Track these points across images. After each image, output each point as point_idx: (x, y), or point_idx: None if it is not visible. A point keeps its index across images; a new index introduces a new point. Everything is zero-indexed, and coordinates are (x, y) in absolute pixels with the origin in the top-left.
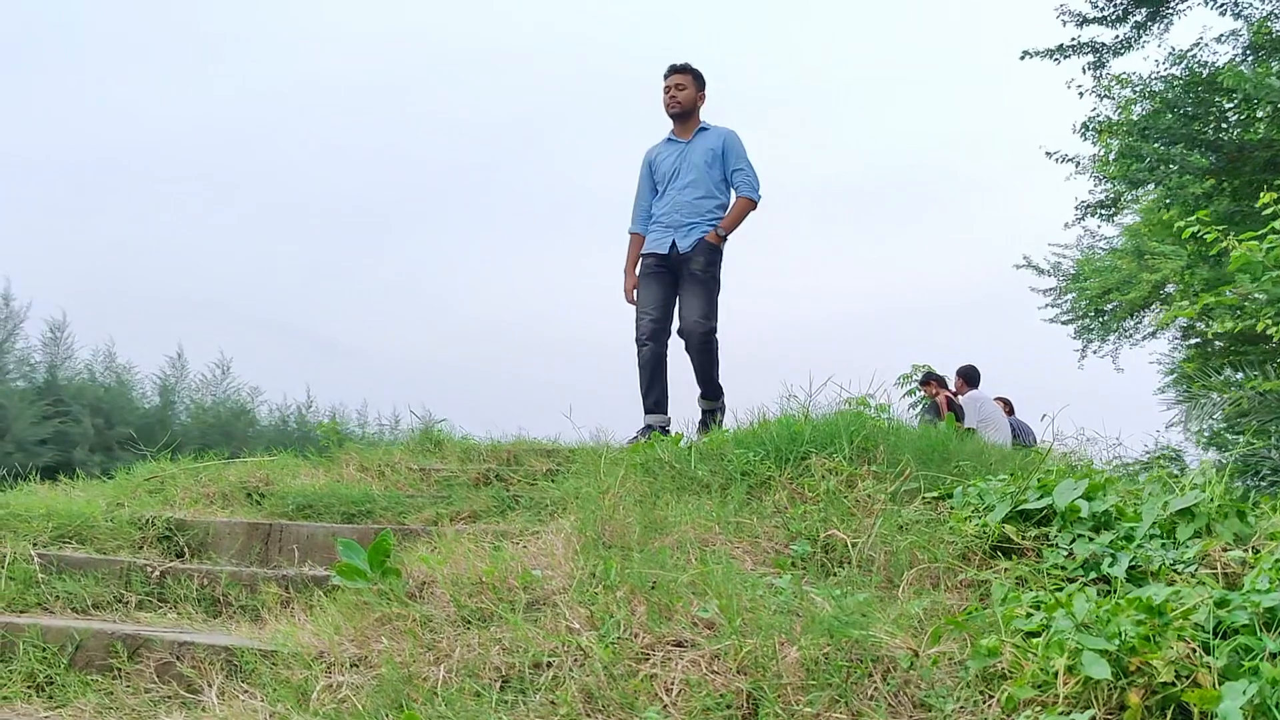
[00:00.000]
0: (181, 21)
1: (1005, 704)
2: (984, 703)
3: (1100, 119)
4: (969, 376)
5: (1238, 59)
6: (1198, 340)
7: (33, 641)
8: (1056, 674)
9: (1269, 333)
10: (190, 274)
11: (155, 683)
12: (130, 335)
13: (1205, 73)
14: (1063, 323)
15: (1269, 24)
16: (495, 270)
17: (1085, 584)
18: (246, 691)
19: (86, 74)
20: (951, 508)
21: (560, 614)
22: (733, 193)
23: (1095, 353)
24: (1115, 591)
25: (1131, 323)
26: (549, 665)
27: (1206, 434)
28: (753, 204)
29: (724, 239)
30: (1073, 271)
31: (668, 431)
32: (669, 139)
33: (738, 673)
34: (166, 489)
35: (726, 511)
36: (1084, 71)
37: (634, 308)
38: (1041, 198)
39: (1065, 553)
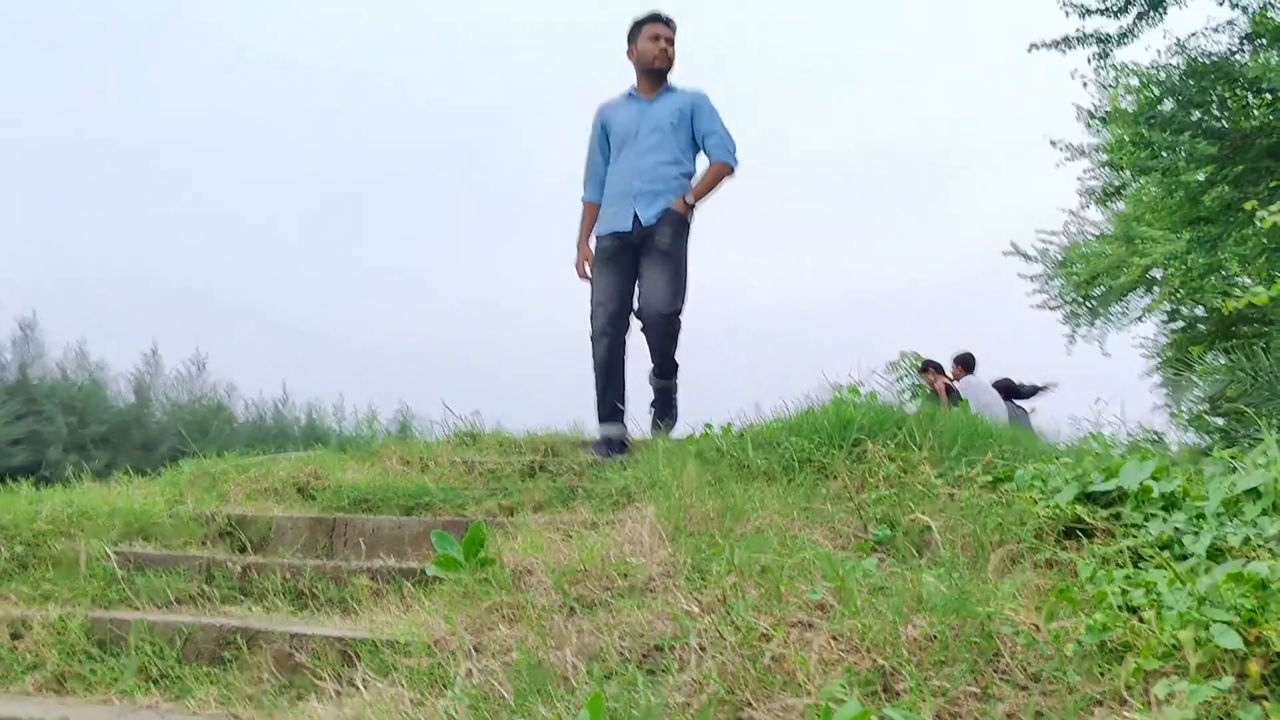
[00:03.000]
0: (158, 9)
1: (1133, 674)
2: (1105, 675)
3: (1107, 109)
4: (966, 363)
5: (1234, 48)
6: (1183, 324)
7: (141, 635)
8: (1178, 645)
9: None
10: (161, 264)
11: (273, 673)
12: (100, 328)
13: (1207, 61)
14: (1051, 309)
15: (1269, 14)
16: (471, 258)
17: (1168, 561)
18: (386, 679)
19: (61, 63)
20: (1012, 490)
21: (673, 599)
22: (700, 160)
23: (1084, 338)
24: (1196, 569)
25: (1119, 307)
26: (671, 649)
27: (1188, 415)
28: (729, 169)
29: (693, 207)
30: (1060, 258)
31: (626, 446)
32: (629, 95)
33: (866, 651)
34: (219, 485)
35: (797, 498)
36: (1089, 62)
37: (589, 298)
38: (1030, 185)
39: (1151, 532)
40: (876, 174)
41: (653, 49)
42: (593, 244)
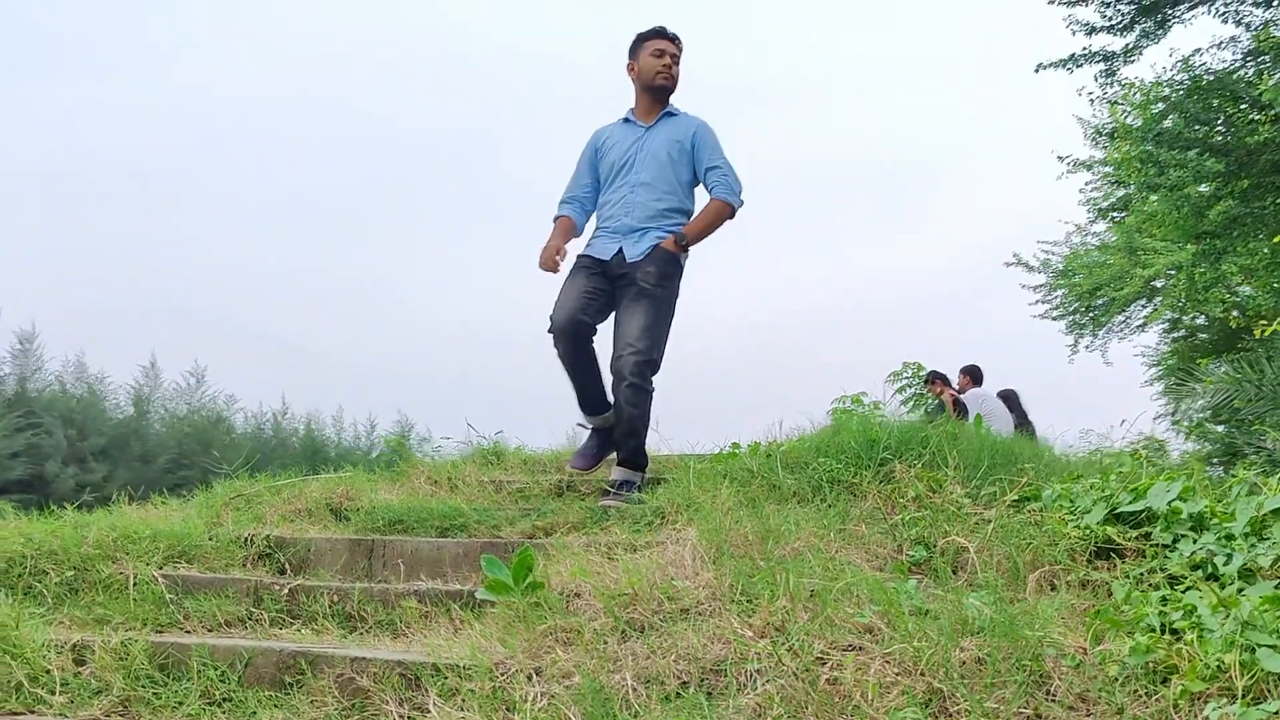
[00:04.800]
0: (144, 28)
1: (1179, 696)
2: (1152, 697)
3: (1114, 125)
4: (974, 374)
5: (1237, 64)
6: (1184, 334)
7: (202, 659)
8: (1223, 668)
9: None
10: (156, 281)
11: (336, 698)
12: (98, 345)
13: (1211, 77)
14: (1053, 319)
15: (1271, 31)
16: (462, 274)
17: (1200, 582)
18: (451, 703)
19: (47, 81)
20: (1039, 509)
21: (724, 622)
22: (700, 195)
23: (1087, 348)
24: (1234, 593)
25: (1121, 317)
26: (728, 672)
27: (1189, 423)
28: (731, 210)
29: (686, 249)
30: (1061, 268)
31: (606, 447)
32: (626, 120)
33: (920, 674)
34: (254, 507)
35: (832, 520)
36: (1095, 79)
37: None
38: (1031, 197)
39: (1183, 553)
40: (873, 185)
41: (654, 65)
42: (572, 260)
